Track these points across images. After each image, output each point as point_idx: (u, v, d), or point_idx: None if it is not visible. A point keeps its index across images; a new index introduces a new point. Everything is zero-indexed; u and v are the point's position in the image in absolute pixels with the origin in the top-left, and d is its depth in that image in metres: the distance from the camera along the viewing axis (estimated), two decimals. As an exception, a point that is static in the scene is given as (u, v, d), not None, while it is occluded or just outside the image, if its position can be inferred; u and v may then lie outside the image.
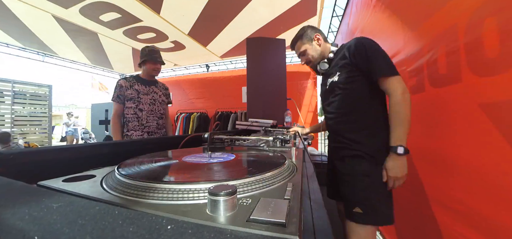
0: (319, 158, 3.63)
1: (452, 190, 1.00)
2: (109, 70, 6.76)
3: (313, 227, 0.26)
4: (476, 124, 0.85)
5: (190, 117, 5.88)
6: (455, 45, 0.95)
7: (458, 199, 0.95)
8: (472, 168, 0.88)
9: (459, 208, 0.95)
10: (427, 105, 1.19)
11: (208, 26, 3.71)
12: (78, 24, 3.52)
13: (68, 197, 0.23)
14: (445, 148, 1.05)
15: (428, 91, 1.18)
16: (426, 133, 1.21)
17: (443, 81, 1.05)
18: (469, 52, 0.88)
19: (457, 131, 0.96)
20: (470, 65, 0.87)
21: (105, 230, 0.17)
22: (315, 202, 0.33)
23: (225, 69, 6.09)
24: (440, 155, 1.09)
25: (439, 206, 1.10)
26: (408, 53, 1.39)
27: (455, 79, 0.96)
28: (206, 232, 0.17)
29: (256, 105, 2.45)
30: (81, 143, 4.96)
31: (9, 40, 4.36)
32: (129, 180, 0.33)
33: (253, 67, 2.52)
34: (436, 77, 1.11)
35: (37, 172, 0.48)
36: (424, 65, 1.21)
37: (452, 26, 0.98)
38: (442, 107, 1.07)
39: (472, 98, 0.86)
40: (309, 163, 0.64)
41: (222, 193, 0.23)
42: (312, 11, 3.28)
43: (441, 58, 1.06)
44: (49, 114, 5.79)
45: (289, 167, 0.44)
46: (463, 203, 0.93)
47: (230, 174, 0.41)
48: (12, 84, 5.17)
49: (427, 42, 1.19)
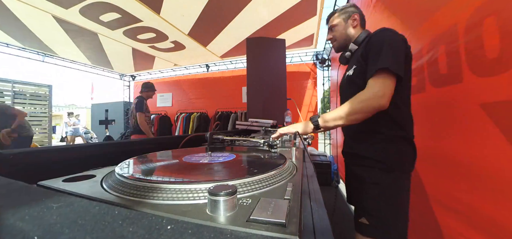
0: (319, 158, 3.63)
1: (453, 190, 1.00)
2: (109, 70, 6.76)
3: (313, 227, 0.26)
4: (476, 124, 0.85)
5: (190, 117, 5.89)
6: (455, 45, 0.95)
7: (459, 199, 0.95)
8: (472, 168, 0.88)
9: (459, 208, 0.95)
10: (427, 105, 1.19)
11: (208, 26, 3.70)
12: (78, 24, 3.52)
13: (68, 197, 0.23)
14: (445, 148, 1.05)
15: (429, 91, 1.18)
16: (426, 133, 1.21)
17: (443, 81, 1.05)
18: (469, 52, 0.88)
19: (457, 131, 0.96)
20: (470, 65, 0.87)
21: (105, 230, 0.17)
22: (315, 202, 0.33)
23: (225, 69, 6.09)
24: (440, 155, 1.09)
25: (439, 206, 1.10)
26: (408, 53, 1.39)
27: (455, 79, 0.96)
28: (206, 232, 0.17)
29: (256, 105, 2.45)
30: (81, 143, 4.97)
31: (9, 40, 4.36)
32: (129, 180, 0.33)
33: (253, 67, 2.52)
34: (436, 77, 1.11)
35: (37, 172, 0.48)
36: (424, 65, 1.21)
37: (452, 26, 0.98)
38: (442, 107, 1.07)
39: (472, 98, 0.86)
40: (309, 163, 0.64)
41: (222, 193, 0.23)
42: (312, 11, 3.28)
43: (441, 58, 1.06)
44: (49, 114, 5.79)
45: (289, 167, 0.44)
46: (463, 203, 0.93)
47: (230, 174, 0.41)
48: (12, 84, 5.17)
49: (427, 42, 1.19)
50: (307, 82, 5.26)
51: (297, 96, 5.02)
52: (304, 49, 5.11)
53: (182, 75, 6.67)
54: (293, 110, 4.01)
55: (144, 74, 7.12)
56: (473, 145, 0.87)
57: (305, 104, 5.20)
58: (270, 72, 2.49)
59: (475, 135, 0.86)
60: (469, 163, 0.89)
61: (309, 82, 5.25)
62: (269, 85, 2.47)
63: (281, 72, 2.57)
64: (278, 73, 2.55)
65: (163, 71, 6.77)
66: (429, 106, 1.18)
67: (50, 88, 5.82)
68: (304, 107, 5.17)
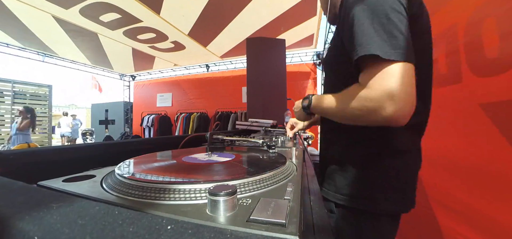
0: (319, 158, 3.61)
1: (452, 190, 1.00)
2: (109, 70, 6.76)
3: (313, 227, 0.26)
4: (476, 124, 0.85)
5: (190, 117, 5.89)
6: (455, 45, 0.96)
7: (458, 199, 0.95)
8: (472, 168, 0.88)
9: (459, 208, 0.95)
10: (427, 105, 1.19)
11: (208, 26, 3.70)
12: (78, 24, 3.52)
13: (68, 197, 0.23)
14: (445, 148, 1.05)
15: (428, 91, 1.18)
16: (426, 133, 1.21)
17: (443, 81, 1.05)
18: (469, 52, 0.88)
19: (457, 131, 0.96)
20: (470, 65, 0.87)
21: (105, 230, 0.17)
22: (315, 202, 0.33)
23: (225, 69, 6.09)
24: (440, 155, 1.09)
25: (439, 206, 1.10)
26: (408, 53, 1.39)
27: (455, 79, 0.96)
28: (206, 232, 0.17)
29: (256, 105, 2.45)
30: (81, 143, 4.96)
31: (9, 40, 4.36)
32: (129, 181, 0.33)
33: (253, 67, 2.52)
34: (436, 77, 1.11)
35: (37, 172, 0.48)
36: (424, 65, 1.21)
37: (452, 26, 0.98)
38: (442, 107, 1.07)
39: (472, 98, 0.86)
40: (309, 163, 0.64)
41: (222, 193, 0.23)
42: (312, 11, 3.28)
43: (441, 58, 1.06)
44: (49, 114, 5.80)
45: (289, 167, 0.44)
46: (463, 203, 0.93)
47: (230, 174, 0.41)
48: (12, 84, 5.18)
49: (427, 42, 1.19)
50: (307, 82, 5.25)
51: (297, 96, 4.95)
52: (304, 49, 5.11)
53: (182, 75, 6.67)
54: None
55: (144, 74, 7.12)
56: (472, 145, 0.88)
57: (305, 104, 5.19)
58: (270, 72, 2.49)
59: (474, 135, 0.86)
60: (469, 163, 0.89)
61: (309, 82, 5.24)
62: (269, 85, 2.47)
63: (281, 72, 2.57)
64: (278, 73, 2.55)
65: (163, 71, 6.77)
66: (429, 106, 1.18)
67: (50, 88, 5.83)
68: (304, 107, 5.16)
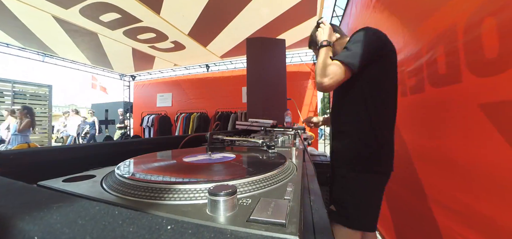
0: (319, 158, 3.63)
1: (452, 190, 1.00)
2: (109, 70, 6.76)
3: (313, 227, 0.26)
4: (475, 124, 0.85)
5: (190, 117, 5.89)
6: (454, 45, 0.96)
7: (458, 199, 0.95)
8: (472, 168, 0.88)
9: (458, 208, 0.95)
10: (426, 105, 1.19)
11: (208, 26, 3.70)
12: (78, 24, 3.52)
13: (68, 197, 0.23)
14: (445, 148, 1.05)
15: (428, 91, 1.18)
16: (425, 133, 1.21)
17: (442, 81, 1.06)
18: (468, 52, 0.88)
19: (456, 131, 0.96)
20: (470, 65, 0.87)
21: (105, 230, 0.17)
22: (315, 202, 0.33)
23: (225, 69, 6.09)
24: (440, 155, 1.09)
25: (438, 206, 1.10)
26: (408, 53, 1.39)
27: (454, 79, 0.96)
28: (206, 232, 0.17)
29: (256, 105, 2.45)
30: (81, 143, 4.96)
31: (9, 40, 4.36)
32: (129, 181, 0.33)
33: (253, 67, 2.52)
34: (436, 77, 1.11)
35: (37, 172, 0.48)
36: (423, 65, 1.21)
37: (451, 26, 0.98)
38: (442, 107, 1.07)
39: (471, 98, 0.86)
40: (309, 163, 0.64)
41: (222, 193, 0.23)
42: (312, 11, 3.28)
43: (441, 58, 1.06)
44: (49, 114, 5.79)
45: (289, 167, 0.44)
46: (462, 203, 0.93)
47: (230, 174, 0.41)
48: (12, 84, 5.17)
49: (426, 42, 1.19)
50: (307, 82, 5.26)
51: (297, 96, 5.01)
52: (304, 49, 5.11)
53: (182, 75, 6.67)
54: (293, 110, 4.01)
55: (144, 74, 7.12)
56: (472, 145, 0.88)
57: (305, 104, 5.20)
58: (270, 72, 2.49)
59: (474, 135, 0.86)
60: (468, 163, 0.89)
61: (309, 82, 5.24)
62: (269, 85, 2.46)
63: (281, 72, 2.57)
64: (278, 73, 2.54)
65: (163, 71, 6.77)
66: (428, 106, 1.18)
67: (50, 88, 5.82)
68: (304, 107, 5.17)
